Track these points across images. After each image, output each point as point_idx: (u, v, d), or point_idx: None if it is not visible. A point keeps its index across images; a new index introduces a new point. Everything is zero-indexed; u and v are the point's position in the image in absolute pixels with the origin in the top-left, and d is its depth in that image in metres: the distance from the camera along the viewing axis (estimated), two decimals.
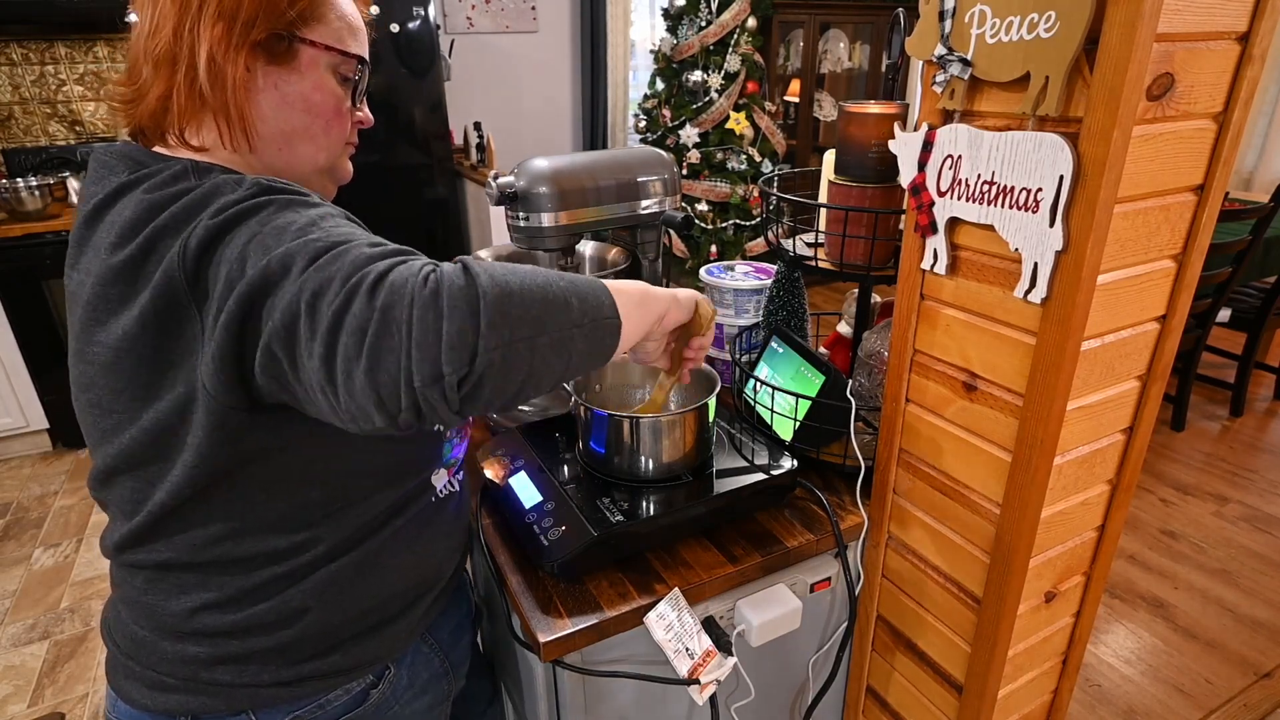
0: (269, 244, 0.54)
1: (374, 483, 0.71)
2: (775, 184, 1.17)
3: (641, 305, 0.67)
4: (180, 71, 0.63)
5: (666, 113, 3.84)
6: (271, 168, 0.70)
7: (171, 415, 0.61)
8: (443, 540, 0.81)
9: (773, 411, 1.05)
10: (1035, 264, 0.67)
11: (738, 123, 3.75)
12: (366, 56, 0.73)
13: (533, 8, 4.01)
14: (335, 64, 0.70)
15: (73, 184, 2.97)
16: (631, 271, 1.23)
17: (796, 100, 4.40)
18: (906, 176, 0.79)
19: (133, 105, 0.66)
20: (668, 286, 1.29)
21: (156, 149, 0.67)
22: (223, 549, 0.66)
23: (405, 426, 0.52)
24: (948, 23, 0.70)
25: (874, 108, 0.96)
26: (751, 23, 3.68)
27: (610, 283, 0.63)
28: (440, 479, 0.80)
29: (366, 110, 0.77)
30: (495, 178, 1.07)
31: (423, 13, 3.09)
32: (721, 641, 0.85)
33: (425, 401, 0.49)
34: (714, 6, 3.62)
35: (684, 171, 3.87)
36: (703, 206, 3.85)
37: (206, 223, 0.56)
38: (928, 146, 0.75)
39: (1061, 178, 0.63)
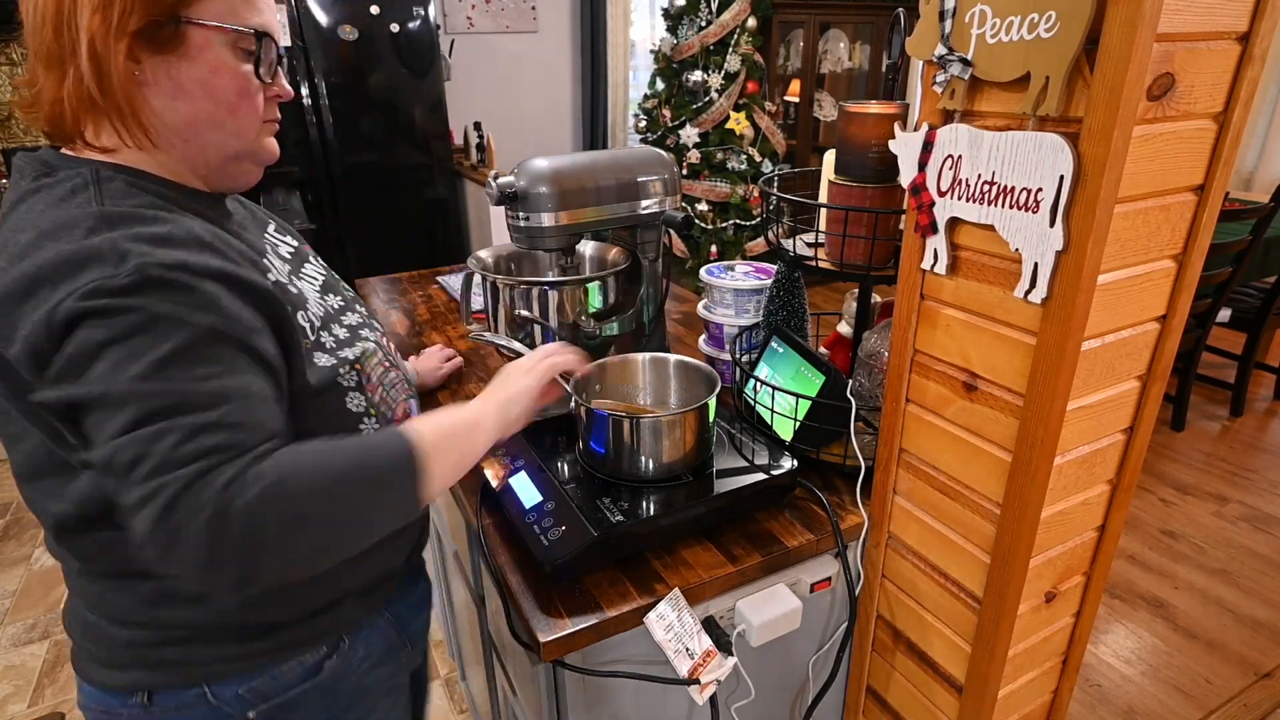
0: (113, 369, 0.54)
1: None
2: (775, 184, 1.17)
3: (463, 450, 0.70)
4: (69, 72, 0.61)
5: (666, 113, 3.84)
6: (185, 160, 0.68)
7: (41, 450, 0.63)
8: (406, 532, 0.83)
9: (773, 411, 1.05)
10: (1035, 264, 0.67)
11: (738, 123, 3.75)
12: (271, 25, 0.69)
13: (533, 8, 4.01)
14: (232, 41, 0.65)
15: None
16: (631, 271, 1.23)
17: (796, 100, 4.40)
18: (906, 176, 0.79)
19: (33, 109, 0.65)
20: (666, 287, 1.29)
21: (65, 150, 0.66)
22: (134, 553, 0.67)
23: None
24: (948, 23, 0.70)
25: (874, 108, 0.96)
26: (751, 23, 3.68)
27: (431, 430, 0.65)
28: None
29: (283, 83, 0.72)
30: (495, 178, 1.07)
31: (423, 13, 3.09)
32: (721, 641, 0.85)
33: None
34: (714, 6, 3.62)
35: (684, 171, 3.87)
36: (703, 206, 3.85)
37: (73, 304, 0.54)
38: (928, 146, 0.75)
39: (1062, 178, 0.63)
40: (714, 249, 3.91)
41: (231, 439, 0.56)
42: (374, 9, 2.98)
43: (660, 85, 3.92)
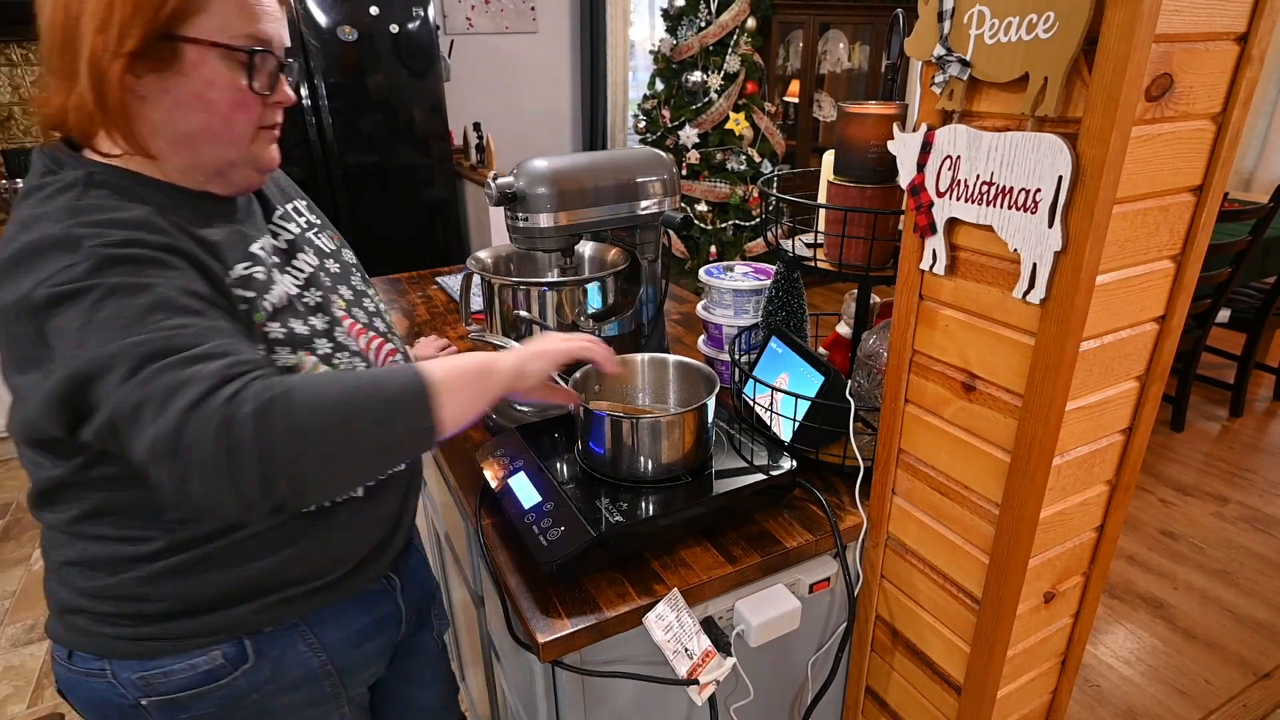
0: (97, 337, 0.57)
1: None
2: (775, 184, 1.17)
3: (474, 394, 0.68)
4: (73, 87, 0.64)
5: (666, 113, 3.84)
6: (181, 169, 0.70)
7: (26, 419, 0.66)
8: (323, 544, 0.79)
9: (772, 412, 1.05)
10: (1034, 264, 0.67)
11: (737, 123, 3.74)
12: (269, 33, 0.69)
13: (533, 8, 4.01)
14: (226, 55, 0.66)
15: None
16: (631, 271, 1.23)
17: (796, 101, 4.40)
18: (905, 177, 0.79)
19: (42, 113, 0.68)
20: (666, 287, 1.29)
21: (85, 151, 0.69)
22: (85, 527, 0.73)
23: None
24: (946, 23, 0.70)
25: (873, 108, 0.96)
26: (751, 23, 3.68)
27: (442, 372, 0.64)
28: None
29: (285, 90, 0.73)
30: (495, 178, 1.07)
31: (422, 13, 3.09)
32: (720, 642, 0.85)
33: (244, 521, 0.61)
34: (713, 7, 3.62)
35: (683, 172, 3.87)
36: (702, 207, 3.85)
37: (42, 290, 0.58)
38: (927, 147, 0.75)
39: (1060, 178, 0.63)
40: (713, 249, 3.91)
41: (225, 365, 0.57)
42: (374, 9, 2.98)
43: (660, 86, 3.92)
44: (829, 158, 1.06)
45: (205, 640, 0.76)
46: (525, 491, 0.92)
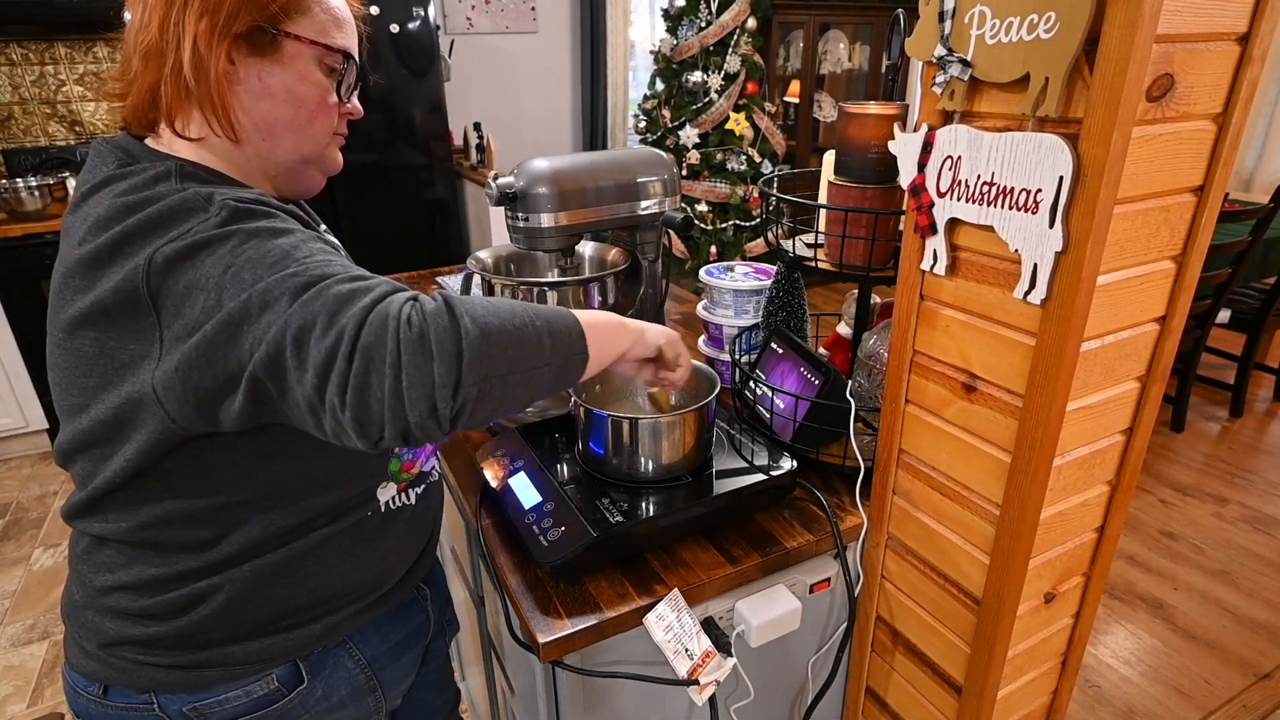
0: (245, 277, 0.56)
1: (307, 488, 0.72)
2: (775, 185, 1.17)
3: (610, 340, 0.72)
4: (167, 64, 0.65)
5: (666, 113, 3.84)
6: (258, 157, 0.72)
7: (121, 410, 0.63)
8: (382, 555, 0.81)
9: (772, 412, 1.05)
10: (1035, 265, 0.67)
11: (737, 123, 3.75)
12: (354, 49, 0.75)
13: (533, 8, 4.01)
14: (320, 56, 0.71)
15: (73, 184, 2.97)
16: (631, 271, 1.23)
17: (796, 101, 4.40)
18: (906, 177, 0.79)
19: (123, 98, 0.69)
20: (666, 287, 1.29)
21: (149, 142, 0.70)
22: (148, 534, 0.69)
23: (386, 448, 0.57)
24: (947, 23, 0.70)
25: (874, 108, 0.96)
26: (751, 23, 3.68)
27: (584, 316, 0.68)
28: (387, 492, 0.80)
29: (356, 102, 0.78)
30: (495, 178, 1.07)
31: (423, 13, 3.09)
32: (721, 642, 0.85)
33: (419, 429, 0.55)
34: (714, 7, 3.62)
35: (684, 172, 3.87)
36: (702, 207, 3.85)
37: (175, 244, 0.58)
38: (927, 147, 0.75)
39: (1061, 179, 0.63)
40: (713, 250, 3.91)
41: (388, 285, 0.58)
42: (374, 9, 2.99)
43: (660, 86, 3.92)
44: (829, 158, 1.06)
45: (263, 665, 0.75)
46: (525, 492, 0.92)
